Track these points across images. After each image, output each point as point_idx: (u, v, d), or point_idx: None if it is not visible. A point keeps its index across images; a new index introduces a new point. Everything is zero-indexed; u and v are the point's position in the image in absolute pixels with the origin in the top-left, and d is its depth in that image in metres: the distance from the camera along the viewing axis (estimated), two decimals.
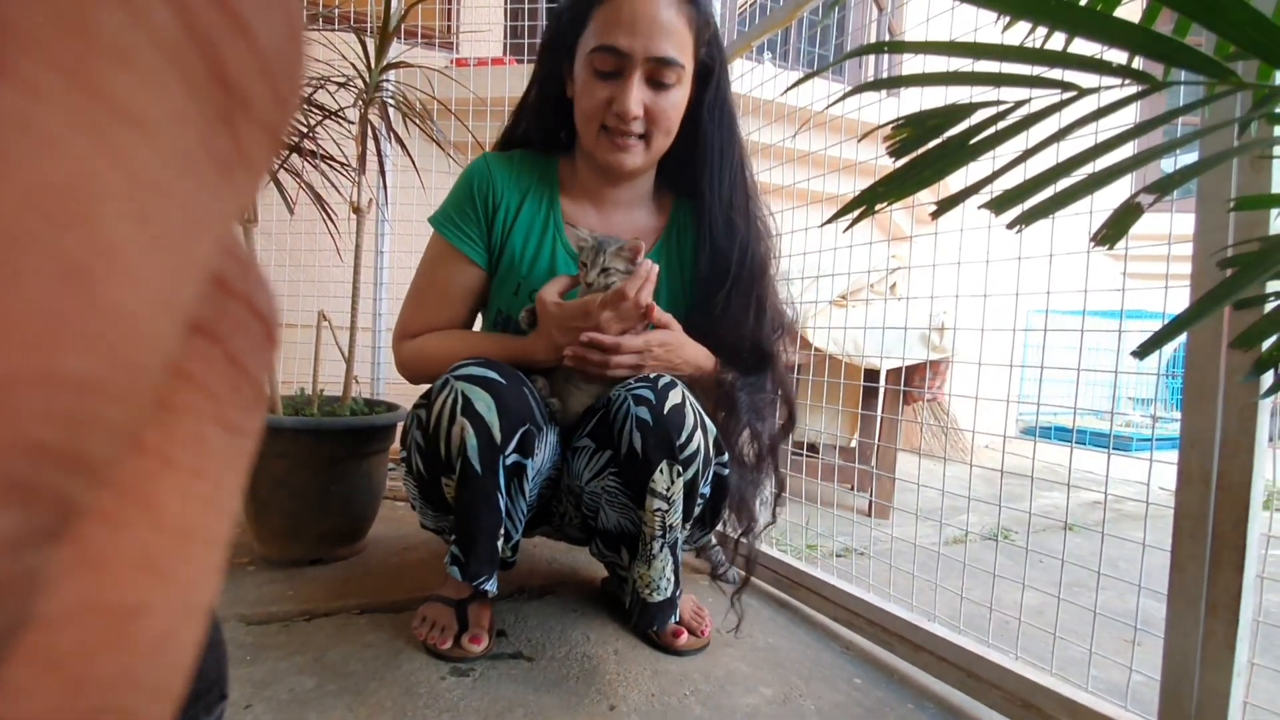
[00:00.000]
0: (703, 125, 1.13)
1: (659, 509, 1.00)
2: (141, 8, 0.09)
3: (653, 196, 1.23)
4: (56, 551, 0.09)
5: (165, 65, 0.09)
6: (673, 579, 1.04)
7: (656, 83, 1.05)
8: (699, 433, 1.01)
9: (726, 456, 1.10)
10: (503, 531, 1.00)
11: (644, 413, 0.99)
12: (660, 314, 1.05)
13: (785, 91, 0.50)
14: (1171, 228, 0.86)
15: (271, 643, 1.08)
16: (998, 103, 0.38)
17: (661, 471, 0.98)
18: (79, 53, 0.08)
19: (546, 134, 1.20)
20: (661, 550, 1.03)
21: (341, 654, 1.05)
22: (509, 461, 0.98)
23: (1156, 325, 0.92)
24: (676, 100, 1.07)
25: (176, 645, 0.12)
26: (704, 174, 1.14)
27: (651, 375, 1.03)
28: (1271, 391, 0.71)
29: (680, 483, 0.99)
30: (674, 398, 1.00)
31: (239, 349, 0.13)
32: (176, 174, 0.09)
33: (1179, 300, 0.85)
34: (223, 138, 0.10)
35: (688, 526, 1.06)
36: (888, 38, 3.20)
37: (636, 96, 1.04)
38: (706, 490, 1.07)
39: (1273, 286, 0.67)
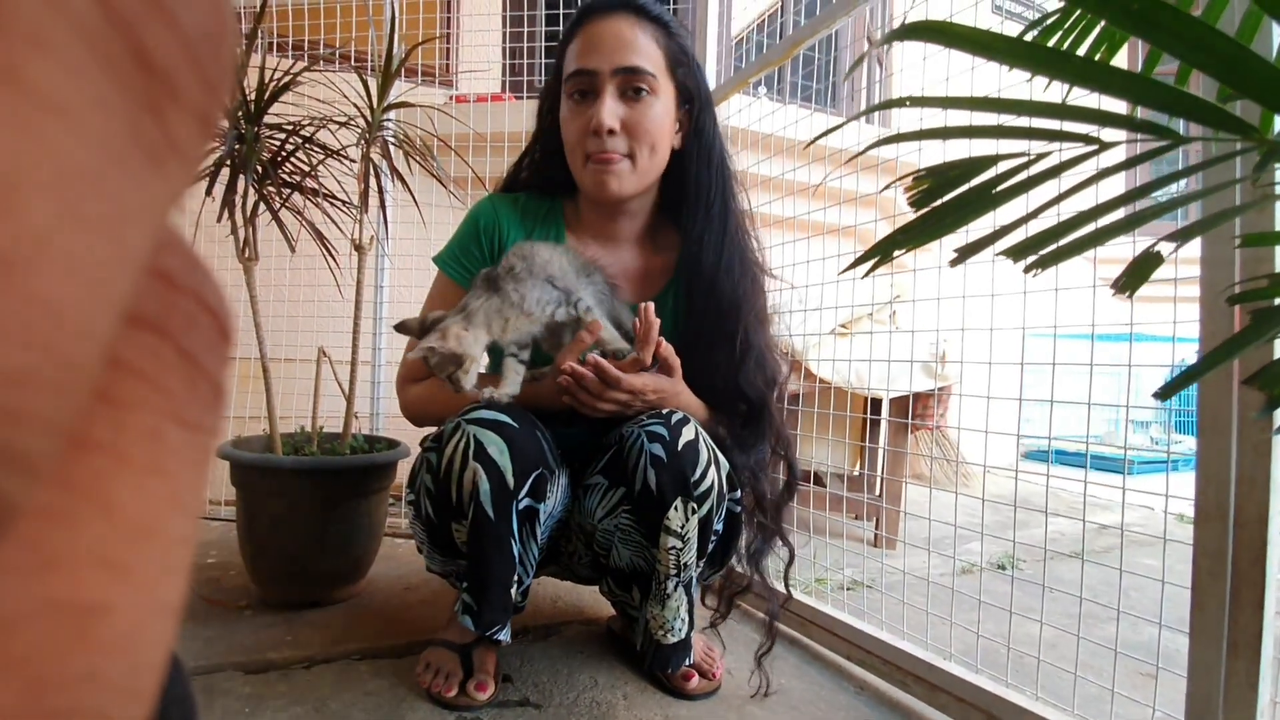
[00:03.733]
0: (686, 159, 1.14)
1: (673, 547, 0.98)
2: None
3: (659, 233, 1.22)
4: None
5: (86, 51, 0.09)
6: (687, 619, 1.02)
7: (631, 93, 1.06)
8: (713, 468, 1.00)
9: (739, 493, 1.08)
10: (515, 576, 0.98)
11: (658, 449, 0.98)
12: (667, 350, 1.03)
13: (810, 143, 0.51)
14: (1177, 254, 0.86)
15: (271, 693, 1.05)
16: (1024, 154, 0.38)
17: (676, 509, 0.97)
18: None
19: (547, 181, 1.22)
20: (676, 590, 1.01)
21: (343, 703, 1.02)
22: (521, 506, 0.97)
23: (1164, 349, 0.92)
24: (655, 113, 1.07)
25: (144, 644, 0.12)
26: (685, 210, 1.14)
27: (664, 411, 1.02)
28: None
29: (695, 520, 0.98)
30: (687, 433, 0.99)
31: (191, 345, 0.13)
32: (104, 163, 0.09)
33: (1186, 326, 0.85)
34: (151, 126, 0.10)
35: (700, 564, 1.05)
36: (879, 70, 3.26)
37: (609, 109, 1.05)
38: (720, 527, 1.05)
39: None
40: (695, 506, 0.98)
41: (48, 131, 0.08)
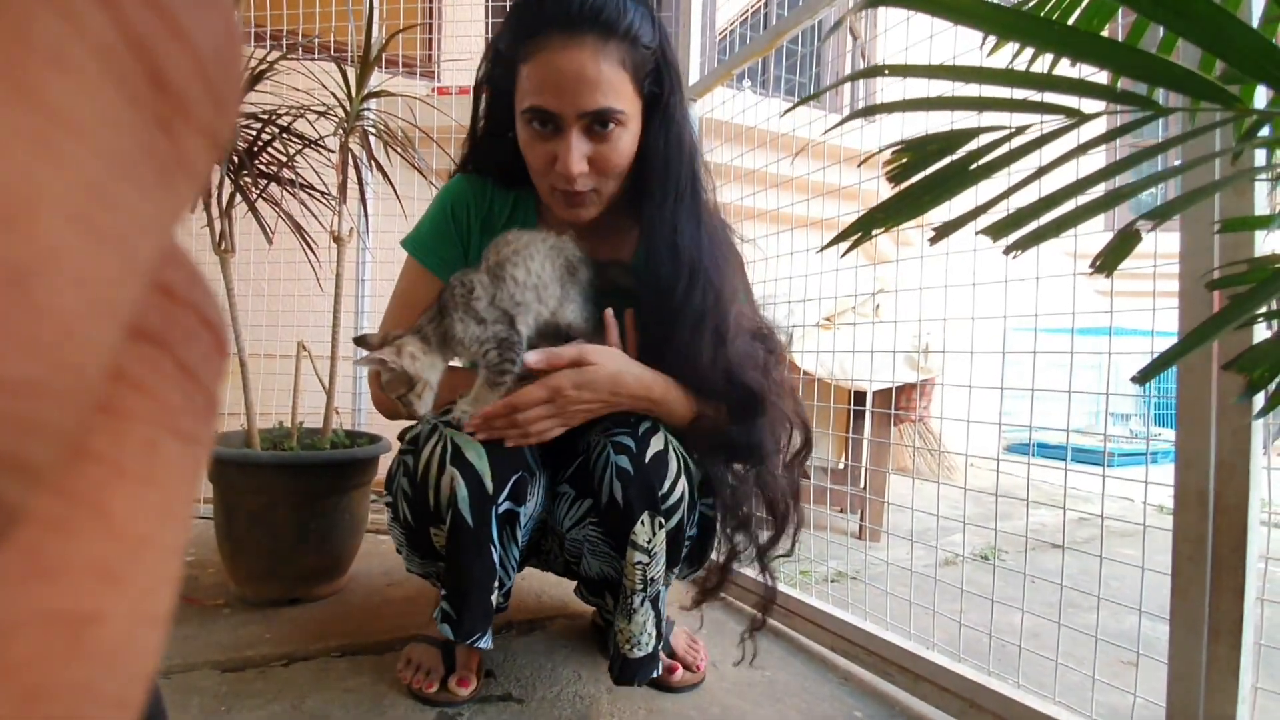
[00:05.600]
0: (648, 147, 1.03)
1: (640, 562, 0.94)
2: (78, 14, 0.09)
3: (628, 216, 1.12)
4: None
5: (102, 71, 0.09)
6: (654, 633, 0.98)
7: (597, 132, 0.96)
8: (682, 479, 0.95)
9: (713, 498, 1.03)
10: (496, 581, 0.96)
11: (624, 461, 0.94)
12: (566, 353, 0.94)
13: (784, 114, 0.50)
14: (1156, 247, 0.87)
15: (247, 690, 1.03)
16: (1002, 128, 0.37)
17: (643, 524, 0.93)
18: (17, 59, 0.08)
19: (501, 170, 1.12)
20: (643, 605, 0.96)
21: (321, 700, 1.00)
22: (501, 510, 0.93)
23: (1143, 342, 0.92)
24: (623, 145, 0.99)
25: (134, 654, 0.12)
26: (646, 194, 1.03)
27: (631, 419, 0.97)
28: (1264, 413, 0.71)
29: (662, 534, 0.94)
30: (656, 444, 0.95)
31: (189, 357, 0.13)
32: (116, 178, 0.09)
33: (1165, 320, 0.85)
34: (161, 142, 0.10)
35: (674, 573, 1.01)
36: (861, 62, 3.27)
37: (577, 154, 0.95)
38: (694, 532, 1.01)
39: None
40: (663, 521, 0.94)
41: (64, 148, 0.09)
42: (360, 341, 0.99)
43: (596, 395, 0.94)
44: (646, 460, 0.93)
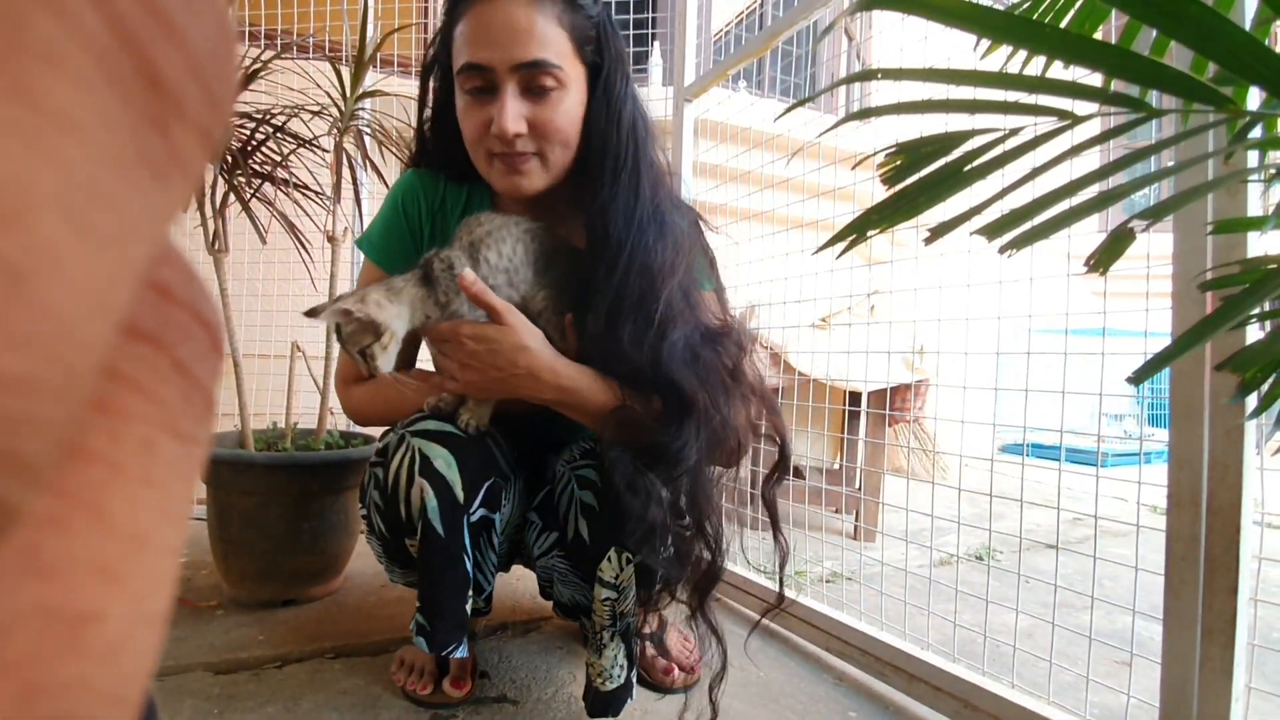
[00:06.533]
0: (588, 124, 0.97)
1: (607, 598, 0.92)
2: (71, 12, 0.09)
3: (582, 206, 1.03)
4: None
5: (96, 69, 0.09)
6: (625, 664, 0.95)
7: (535, 91, 0.90)
8: (653, 507, 0.89)
9: (687, 519, 0.94)
10: (472, 588, 0.94)
11: (589, 496, 0.92)
12: (492, 300, 0.87)
13: (778, 118, 0.50)
14: (1149, 248, 0.87)
15: (241, 693, 1.02)
16: (996, 130, 0.37)
17: (610, 560, 0.91)
18: (12, 58, 0.08)
19: (452, 163, 1.06)
20: (613, 639, 0.94)
21: (315, 703, 1.00)
22: (474, 518, 0.92)
23: (1136, 343, 0.93)
24: (565, 107, 0.92)
25: (132, 653, 0.12)
26: (590, 177, 0.96)
27: (596, 449, 0.93)
28: (1257, 413, 0.71)
29: (630, 568, 0.92)
30: None
31: (186, 357, 0.13)
32: (110, 176, 0.09)
33: (1158, 320, 0.86)
34: (155, 140, 0.10)
35: (651, 595, 0.98)
36: (856, 65, 3.27)
37: (512, 112, 0.89)
38: (669, 552, 0.94)
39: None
40: (631, 555, 0.91)
41: (58, 146, 0.09)
42: (311, 313, 0.89)
43: (493, 359, 0.87)
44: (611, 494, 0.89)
